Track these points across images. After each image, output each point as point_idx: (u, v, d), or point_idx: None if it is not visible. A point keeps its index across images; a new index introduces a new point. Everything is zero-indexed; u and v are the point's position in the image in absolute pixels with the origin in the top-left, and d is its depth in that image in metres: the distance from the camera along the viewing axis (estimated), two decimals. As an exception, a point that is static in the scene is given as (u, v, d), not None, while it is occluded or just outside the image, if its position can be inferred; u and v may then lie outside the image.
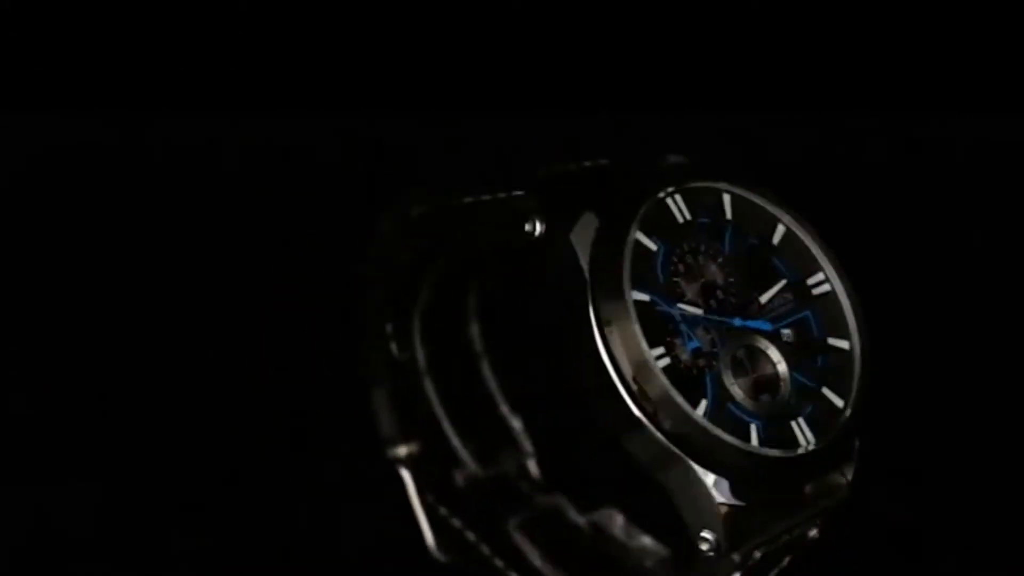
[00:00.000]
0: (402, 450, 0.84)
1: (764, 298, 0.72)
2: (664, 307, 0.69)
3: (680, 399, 0.68)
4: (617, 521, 0.84)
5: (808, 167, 1.03)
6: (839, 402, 0.71)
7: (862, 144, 1.07)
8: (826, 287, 0.73)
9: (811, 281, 0.73)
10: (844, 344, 0.73)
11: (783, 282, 0.72)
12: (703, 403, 0.68)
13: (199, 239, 1.04)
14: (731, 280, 0.71)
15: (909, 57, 1.06)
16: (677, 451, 0.68)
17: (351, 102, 1.06)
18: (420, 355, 0.83)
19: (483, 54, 1.06)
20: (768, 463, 0.69)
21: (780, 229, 0.73)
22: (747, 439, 0.69)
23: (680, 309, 0.69)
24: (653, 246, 0.70)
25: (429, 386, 0.84)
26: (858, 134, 1.07)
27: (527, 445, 0.86)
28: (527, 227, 0.71)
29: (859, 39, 1.06)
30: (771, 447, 0.69)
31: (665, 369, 0.68)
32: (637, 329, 0.68)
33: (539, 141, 1.01)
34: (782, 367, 0.71)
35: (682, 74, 1.06)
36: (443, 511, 0.83)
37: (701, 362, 0.69)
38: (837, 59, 1.06)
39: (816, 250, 0.73)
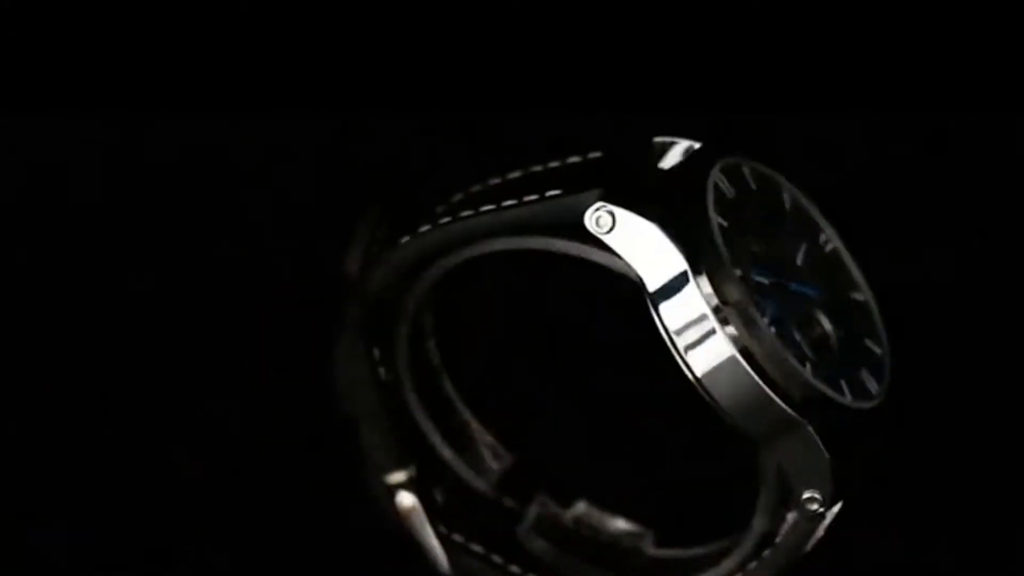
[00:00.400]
0: (400, 475, 0.81)
1: (798, 261, 0.73)
2: (748, 280, 0.69)
3: (800, 366, 0.68)
4: (592, 512, 0.84)
5: (808, 167, 1.03)
6: (878, 350, 0.73)
7: (861, 144, 1.07)
8: (832, 245, 0.75)
9: (820, 241, 0.74)
10: (861, 296, 0.74)
11: (805, 245, 0.73)
12: (807, 366, 0.69)
13: (199, 239, 1.04)
14: (767, 247, 0.72)
15: (908, 56, 1.06)
16: (799, 417, 0.68)
17: (350, 102, 1.06)
18: (405, 374, 0.80)
19: (482, 54, 1.06)
20: (859, 415, 0.70)
21: (787, 196, 0.74)
22: (843, 394, 0.70)
23: (757, 280, 0.70)
24: (724, 222, 0.70)
25: (414, 404, 0.81)
26: (858, 133, 1.07)
27: (502, 452, 0.85)
28: (590, 225, 0.69)
29: (859, 38, 1.06)
30: (858, 400, 0.70)
31: None
32: (752, 304, 0.68)
33: (539, 141, 1.01)
34: (828, 325, 0.72)
35: (682, 74, 1.06)
36: (442, 529, 0.82)
37: (776, 328, 0.69)
38: (836, 58, 1.06)
39: (815, 212, 0.75)
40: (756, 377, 0.68)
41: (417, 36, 1.06)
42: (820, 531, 0.72)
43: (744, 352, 0.68)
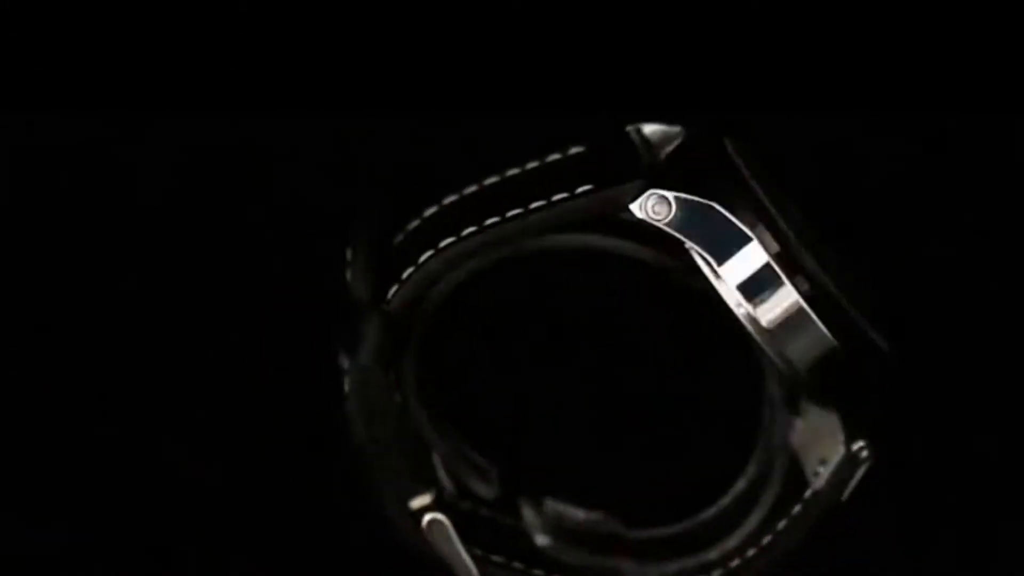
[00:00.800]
0: (426, 498, 0.78)
1: (795, 222, 0.73)
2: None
3: (862, 319, 0.69)
4: (560, 506, 0.84)
5: (808, 167, 1.03)
6: (870, 299, 0.74)
7: (862, 144, 1.07)
8: (790, 202, 0.75)
9: (789, 202, 0.75)
10: (833, 251, 0.75)
11: (789, 206, 0.74)
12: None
13: (199, 239, 1.04)
14: (781, 213, 0.72)
15: (908, 56, 1.06)
16: (859, 370, 0.69)
17: (350, 102, 1.06)
18: (413, 395, 0.78)
19: (482, 55, 1.06)
20: (891, 360, 0.71)
21: (762, 165, 0.74)
22: (882, 342, 0.71)
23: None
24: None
25: (421, 424, 0.79)
26: (858, 133, 1.06)
27: (486, 463, 0.84)
28: (644, 214, 0.69)
29: (859, 38, 1.06)
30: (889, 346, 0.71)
31: None
32: (819, 267, 0.69)
33: (538, 142, 1.01)
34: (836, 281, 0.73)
35: (682, 74, 1.06)
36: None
37: None
38: (836, 58, 1.06)
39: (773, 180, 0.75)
40: (829, 334, 0.68)
41: (416, 36, 1.06)
42: (859, 475, 0.72)
43: (819, 313, 0.68)
